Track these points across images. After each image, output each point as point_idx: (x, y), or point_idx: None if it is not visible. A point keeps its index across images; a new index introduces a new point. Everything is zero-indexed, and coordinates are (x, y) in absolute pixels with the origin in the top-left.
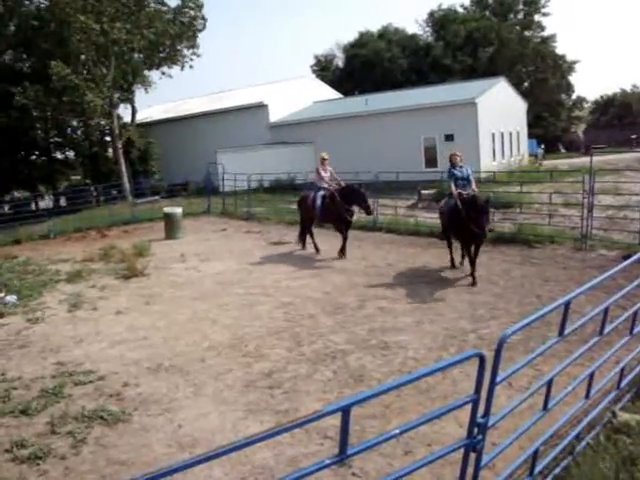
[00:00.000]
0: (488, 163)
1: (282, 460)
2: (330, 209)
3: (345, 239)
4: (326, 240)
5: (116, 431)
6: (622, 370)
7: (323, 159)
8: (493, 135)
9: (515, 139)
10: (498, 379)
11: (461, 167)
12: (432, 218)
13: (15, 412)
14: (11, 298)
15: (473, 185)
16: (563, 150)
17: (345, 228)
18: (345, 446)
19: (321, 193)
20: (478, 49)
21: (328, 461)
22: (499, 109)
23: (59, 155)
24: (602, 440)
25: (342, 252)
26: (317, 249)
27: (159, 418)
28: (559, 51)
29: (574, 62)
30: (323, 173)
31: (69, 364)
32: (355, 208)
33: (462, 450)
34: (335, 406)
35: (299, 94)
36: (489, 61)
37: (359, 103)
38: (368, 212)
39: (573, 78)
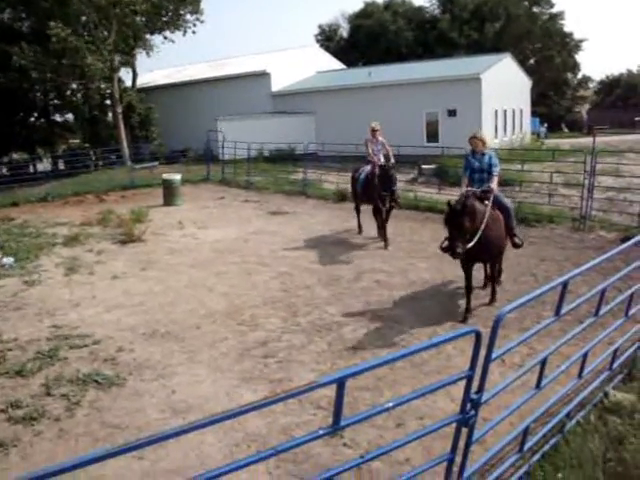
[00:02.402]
0: (490, 140)
1: (275, 429)
2: (368, 190)
3: (379, 227)
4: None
5: (110, 395)
6: (615, 351)
7: (373, 130)
8: (496, 112)
9: (518, 117)
10: (493, 356)
11: (482, 155)
12: (431, 193)
13: (10, 373)
14: (8, 260)
15: (493, 182)
16: (566, 130)
17: (378, 214)
18: (339, 417)
19: (367, 169)
20: (485, 24)
21: (322, 431)
22: (503, 86)
23: (58, 118)
24: (592, 419)
25: (384, 239)
26: (359, 228)
27: (153, 383)
28: (567, 29)
29: (581, 40)
30: (372, 146)
31: (65, 327)
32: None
33: (454, 424)
34: (330, 378)
35: (302, 63)
36: (496, 36)
37: (362, 75)
38: (392, 200)
39: (579, 57)
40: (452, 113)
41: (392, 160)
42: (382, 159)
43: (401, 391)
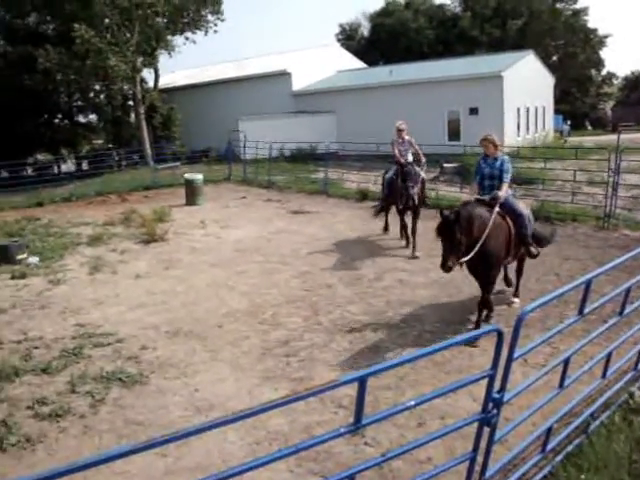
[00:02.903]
0: (512, 138)
1: (296, 427)
2: (393, 190)
3: (401, 227)
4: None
5: (134, 393)
6: None
7: (399, 129)
8: (518, 110)
9: (541, 114)
10: (515, 355)
11: (495, 159)
12: (453, 192)
13: (36, 371)
14: (33, 259)
15: (503, 189)
16: (590, 127)
17: (400, 215)
18: (360, 415)
19: (393, 169)
20: (507, 21)
21: (343, 430)
22: (526, 83)
23: (82, 119)
24: (617, 420)
25: (408, 243)
26: (386, 227)
27: (176, 382)
28: (591, 25)
29: (605, 36)
30: (399, 146)
31: (89, 326)
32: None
33: (475, 424)
34: (351, 376)
35: (323, 63)
36: (518, 34)
37: (383, 73)
38: (408, 199)
39: (604, 53)
40: (474, 111)
41: (423, 159)
42: (410, 158)
43: (423, 390)
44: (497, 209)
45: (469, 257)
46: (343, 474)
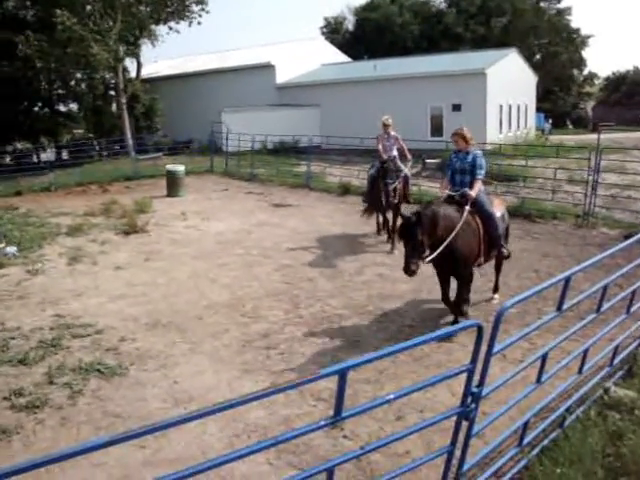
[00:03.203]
0: (494, 135)
1: (275, 420)
2: (375, 187)
3: (385, 223)
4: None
5: (112, 384)
6: (616, 348)
7: (384, 124)
8: (501, 107)
9: (523, 112)
10: (494, 350)
11: (467, 154)
12: (435, 187)
13: (13, 361)
14: (11, 249)
15: (476, 187)
16: (571, 126)
17: (385, 211)
18: (340, 408)
19: (377, 165)
20: (491, 19)
21: (323, 422)
22: (509, 81)
23: (62, 107)
24: (592, 415)
25: (388, 238)
26: (378, 229)
27: (155, 373)
28: (574, 25)
29: (588, 37)
30: (384, 142)
31: (67, 317)
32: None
33: (454, 418)
34: (332, 369)
35: (308, 56)
36: (502, 31)
37: (368, 68)
38: (387, 195)
39: (586, 53)
40: (457, 108)
41: (409, 156)
42: (395, 154)
43: (402, 384)
44: (468, 208)
45: (433, 257)
46: (322, 467)
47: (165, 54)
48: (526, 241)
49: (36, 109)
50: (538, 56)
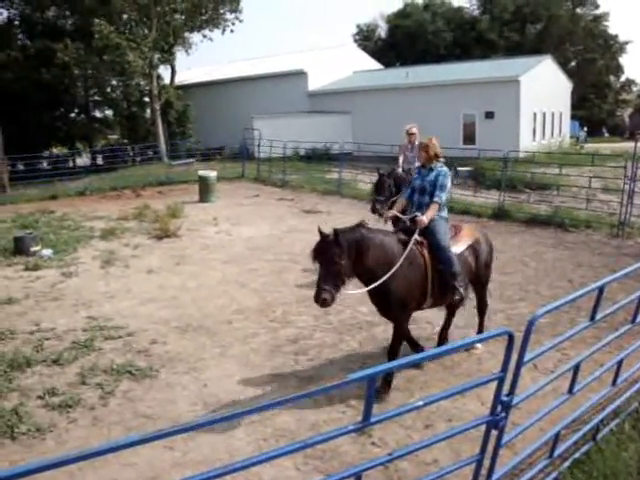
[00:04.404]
0: (527, 143)
1: (303, 425)
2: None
3: None
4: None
5: (143, 386)
6: None
7: (408, 134)
8: (535, 114)
9: (557, 120)
10: (526, 359)
11: (430, 170)
12: (466, 195)
13: (48, 361)
14: (47, 252)
15: (430, 211)
16: (607, 134)
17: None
18: (369, 413)
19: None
20: (526, 25)
21: (351, 427)
22: (543, 88)
23: (98, 114)
24: (627, 429)
25: None
26: None
27: (185, 376)
28: (611, 31)
29: (626, 42)
30: (407, 152)
31: (100, 319)
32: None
33: (483, 427)
34: (361, 374)
35: (340, 63)
36: (536, 38)
37: (400, 75)
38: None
39: (623, 59)
40: (490, 115)
41: None
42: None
43: (431, 392)
44: (415, 236)
45: (358, 292)
46: (350, 472)
47: (199, 61)
48: (559, 250)
49: (73, 115)
50: (573, 63)
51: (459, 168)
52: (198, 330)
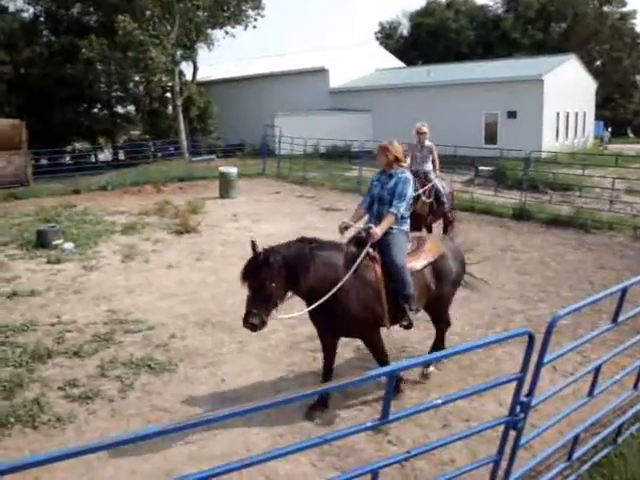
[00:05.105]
0: (550, 143)
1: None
2: None
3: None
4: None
5: (161, 380)
6: None
7: (419, 133)
8: (558, 114)
9: (581, 120)
10: (546, 359)
11: (390, 176)
12: (488, 195)
13: (69, 353)
14: (69, 245)
15: (384, 222)
16: (632, 135)
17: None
18: (387, 410)
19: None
20: (550, 24)
21: (369, 424)
22: (567, 88)
23: (120, 109)
24: None
25: None
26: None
27: (203, 371)
28: (638, 29)
29: None
30: (416, 153)
31: (120, 312)
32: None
33: (500, 429)
34: (380, 371)
35: (361, 61)
36: (561, 37)
37: (421, 74)
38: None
39: None
40: (512, 115)
41: (437, 171)
42: (428, 169)
43: (449, 392)
44: (367, 249)
45: (294, 315)
46: (367, 468)
47: (220, 58)
48: (581, 252)
49: (95, 111)
50: (599, 62)
51: (480, 168)
52: (217, 325)
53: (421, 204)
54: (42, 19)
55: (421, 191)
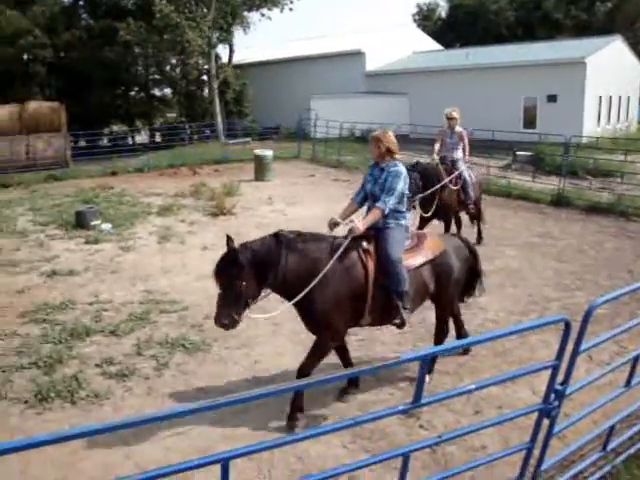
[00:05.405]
0: (591, 128)
1: (352, 405)
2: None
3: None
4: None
5: (196, 359)
6: None
7: (449, 118)
8: (600, 98)
9: (624, 104)
10: (582, 348)
11: (382, 170)
12: (525, 181)
13: (105, 332)
14: (106, 226)
15: (370, 217)
16: None
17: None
18: (420, 395)
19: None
20: (595, 3)
21: (402, 407)
22: (610, 71)
23: (157, 92)
24: None
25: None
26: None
27: (237, 352)
28: None
29: None
30: (445, 138)
31: (156, 293)
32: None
33: (533, 416)
34: (413, 355)
35: (398, 43)
36: (606, 17)
37: (460, 56)
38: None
39: None
40: (552, 99)
41: (466, 157)
42: (458, 156)
43: (481, 378)
44: (348, 243)
45: (268, 316)
46: (398, 451)
47: (256, 40)
48: (621, 240)
49: (132, 93)
50: None
51: (518, 153)
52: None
53: (448, 193)
54: (81, 3)
55: (447, 179)
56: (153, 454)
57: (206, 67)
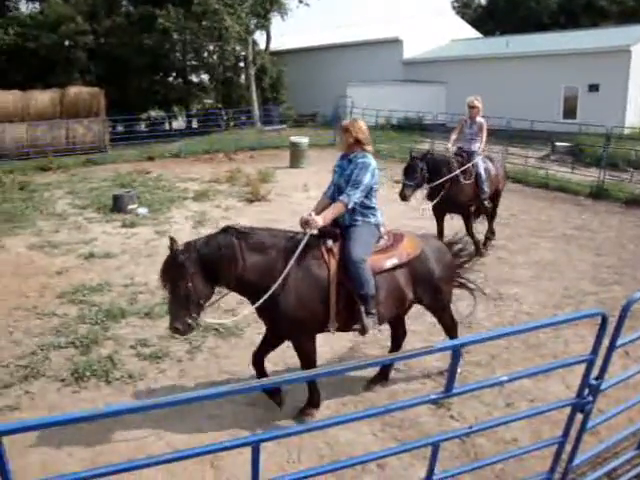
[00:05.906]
0: (635, 119)
1: (383, 394)
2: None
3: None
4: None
5: (228, 344)
6: None
7: (471, 107)
8: None
9: None
10: (618, 343)
11: (349, 161)
12: (564, 172)
13: (140, 314)
14: (143, 210)
15: (331, 210)
16: None
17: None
18: (452, 384)
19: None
20: None
21: (433, 396)
22: None
23: (194, 78)
24: None
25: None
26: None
27: None
28: None
29: None
30: (465, 128)
31: None
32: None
33: (566, 411)
34: (446, 344)
35: (436, 31)
36: None
37: (499, 44)
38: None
39: None
40: (594, 88)
41: (482, 146)
42: (476, 148)
43: (514, 370)
44: (305, 240)
45: (224, 322)
46: (428, 440)
47: (293, 28)
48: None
49: (170, 79)
50: None
51: (557, 143)
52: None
53: (460, 187)
54: None
55: (458, 171)
56: (185, 435)
57: (243, 54)
